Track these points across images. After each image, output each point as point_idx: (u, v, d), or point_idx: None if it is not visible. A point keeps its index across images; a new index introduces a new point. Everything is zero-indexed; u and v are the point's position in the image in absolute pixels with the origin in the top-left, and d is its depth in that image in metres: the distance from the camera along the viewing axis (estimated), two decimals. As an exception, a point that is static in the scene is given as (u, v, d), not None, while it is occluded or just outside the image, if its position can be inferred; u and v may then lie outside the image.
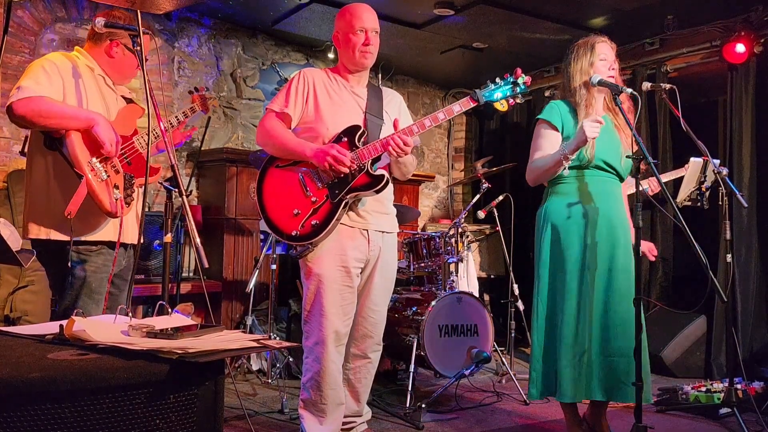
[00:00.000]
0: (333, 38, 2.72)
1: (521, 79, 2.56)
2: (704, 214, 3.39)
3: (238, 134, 5.21)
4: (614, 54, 2.79)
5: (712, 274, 2.43)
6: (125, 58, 2.58)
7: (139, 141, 2.55)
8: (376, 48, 2.66)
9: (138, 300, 4.05)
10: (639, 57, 5.10)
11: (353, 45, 2.61)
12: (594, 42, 2.77)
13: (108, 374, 1.29)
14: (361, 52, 2.62)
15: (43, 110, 2.28)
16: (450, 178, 6.70)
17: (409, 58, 5.62)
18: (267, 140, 2.62)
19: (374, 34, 2.63)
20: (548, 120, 2.76)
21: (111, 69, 2.59)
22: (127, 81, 2.71)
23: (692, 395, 3.47)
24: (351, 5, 2.68)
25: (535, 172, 2.77)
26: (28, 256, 2.13)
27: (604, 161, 2.72)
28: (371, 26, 2.63)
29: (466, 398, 3.73)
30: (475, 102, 2.55)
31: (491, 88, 2.58)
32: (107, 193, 2.35)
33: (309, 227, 2.52)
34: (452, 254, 4.12)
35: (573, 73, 2.77)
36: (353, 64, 2.66)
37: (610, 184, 2.77)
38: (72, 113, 2.34)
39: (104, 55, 2.56)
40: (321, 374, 2.57)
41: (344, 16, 2.66)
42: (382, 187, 2.55)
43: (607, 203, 2.73)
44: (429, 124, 2.55)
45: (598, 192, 2.73)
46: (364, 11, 2.64)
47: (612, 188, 2.77)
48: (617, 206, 2.77)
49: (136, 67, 2.63)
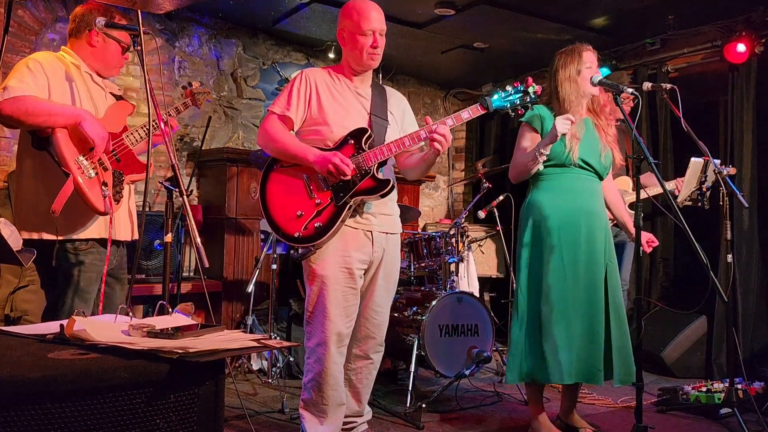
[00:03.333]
0: (338, 36, 2.64)
1: (532, 88, 2.53)
2: (705, 214, 3.39)
3: (238, 134, 5.21)
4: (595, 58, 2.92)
5: (712, 274, 2.44)
6: (107, 46, 2.56)
7: (129, 138, 2.54)
8: (383, 49, 2.60)
9: (138, 300, 4.06)
10: (640, 57, 5.09)
11: (361, 46, 2.54)
12: (581, 50, 2.90)
13: (108, 374, 1.29)
14: (369, 54, 2.56)
15: (29, 108, 2.28)
16: (451, 178, 6.70)
17: (410, 57, 5.62)
18: (268, 143, 2.59)
19: (381, 35, 2.58)
20: (530, 123, 2.92)
21: (95, 60, 2.57)
22: (115, 71, 2.68)
23: (693, 395, 3.47)
24: (358, 3, 2.58)
25: (516, 168, 2.93)
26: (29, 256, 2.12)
27: (583, 160, 2.87)
28: (379, 27, 2.55)
29: (466, 398, 3.73)
30: (485, 109, 2.53)
31: (501, 95, 2.56)
32: (95, 190, 2.35)
33: (312, 229, 2.51)
34: (453, 254, 4.12)
35: (561, 80, 2.90)
36: (359, 65, 2.62)
37: (588, 181, 2.92)
38: (58, 110, 2.34)
39: (86, 47, 2.55)
40: (322, 375, 2.57)
41: (351, 15, 2.56)
42: (388, 192, 2.53)
43: (585, 198, 2.89)
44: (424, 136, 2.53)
45: (577, 188, 2.89)
46: (372, 10, 2.55)
47: (590, 185, 2.93)
48: (595, 201, 2.93)
49: (121, 54, 2.61)
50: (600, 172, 2.93)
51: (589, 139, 2.90)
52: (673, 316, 4.47)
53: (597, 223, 2.88)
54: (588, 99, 2.94)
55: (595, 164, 2.90)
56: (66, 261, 2.41)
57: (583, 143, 2.87)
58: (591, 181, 2.93)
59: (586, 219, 2.86)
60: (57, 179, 2.32)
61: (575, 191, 2.88)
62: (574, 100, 2.87)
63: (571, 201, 2.87)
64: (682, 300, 4.81)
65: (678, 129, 3.53)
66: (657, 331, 4.44)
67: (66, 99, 2.43)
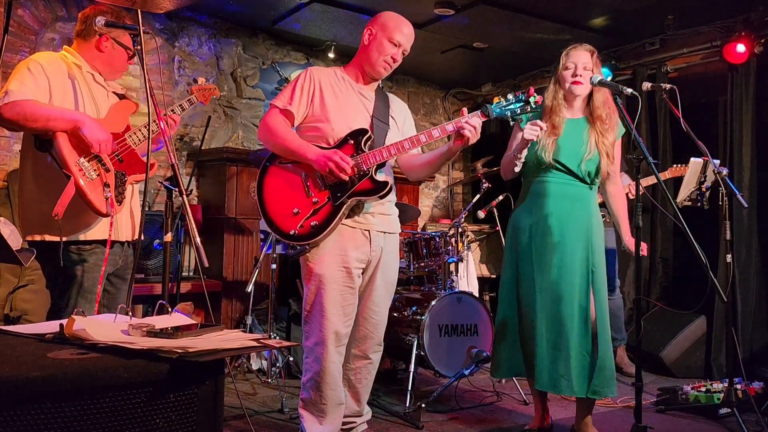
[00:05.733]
0: (363, 35, 2.66)
1: (533, 98, 2.53)
2: (704, 214, 3.39)
3: (238, 134, 5.21)
4: (591, 56, 2.85)
5: (712, 275, 2.43)
6: (115, 52, 2.56)
7: (132, 138, 2.53)
8: (397, 66, 2.68)
9: (138, 299, 4.05)
10: (639, 57, 5.10)
11: (383, 51, 2.60)
12: (568, 50, 2.90)
13: (108, 373, 1.29)
14: (385, 62, 2.62)
15: (29, 113, 2.27)
16: (450, 177, 6.70)
17: (409, 57, 5.49)
18: (268, 137, 2.59)
19: (404, 54, 2.66)
20: (519, 123, 2.91)
21: (101, 64, 2.57)
22: (118, 75, 2.69)
23: (692, 395, 3.47)
24: (400, 18, 2.65)
25: (503, 167, 2.99)
26: (28, 255, 2.12)
27: (558, 161, 2.83)
28: (406, 45, 2.65)
29: (465, 398, 3.73)
30: (486, 117, 2.53)
31: (503, 104, 2.55)
32: (97, 192, 2.34)
33: (308, 228, 2.51)
34: (452, 254, 4.12)
35: (551, 81, 2.95)
36: (372, 69, 2.64)
37: (567, 185, 2.86)
38: (58, 115, 2.33)
39: (94, 51, 2.55)
40: (321, 374, 2.57)
41: (389, 21, 2.63)
42: (385, 194, 2.54)
43: (561, 204, 2.83)
44: (438, 135, 2.52)
45: (552, 193, 2.85)
46: (408, 29, 2.65)
47: (569, 189, 2.86)
48: (574, 206, 2.85)
49: (127, 60, 2.62)
50: (581, 176, 2.83)
51: (569, 142, 2.83)
52: (673, 316, 4.47)
53: (574, 228, 2.81)
54: (575, 99, 2.88)
55: (572, 167, 2.82)
56: (70, 262, 2.41)
57: (563, 145, 2.82)
58: (570, 186, 2.85)
59: (560, 225, 2.81)
60: (59, 181, 2.32)
61: (550, 196, 2.84)
62: (551, 102, 2.88)
63: (544, 207, 2.84)
64: (682, 300, 4.81)
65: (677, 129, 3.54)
66: (656, 331, 4.45)
67: (67, 100, 2.42)
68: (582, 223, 2.83)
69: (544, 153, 2.81)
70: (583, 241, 2.81)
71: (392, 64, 2.64)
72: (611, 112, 2.86)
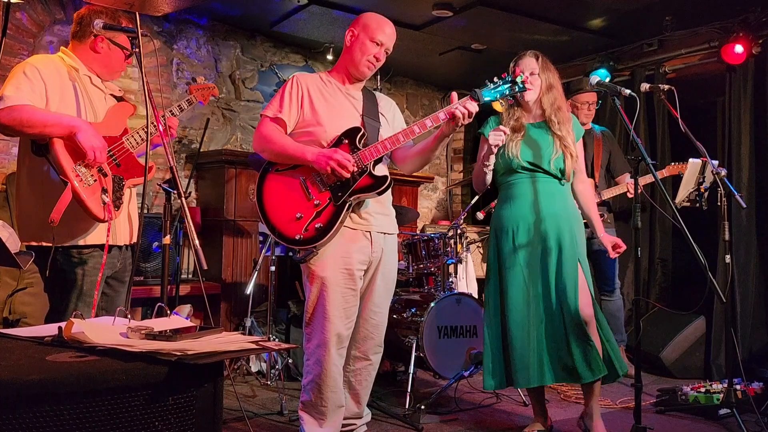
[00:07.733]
0: (346, 36, 2.68)
1: (519, 77, 2.58)
2: (703, 215, 3.39)
3: (236, 136, 5.21)
4: (536, 60, 2.90)
5: (711, 275, 2.44)
6: (111, 52, 2.55)
7: (129, 141, 2.51)
8: (380, 64, 2.69)
9: (137, 302, 4.05)
10: (637, 58, 5.10)
11: (365, 51, 2.61)
12: (516, 59, 2.96)
13: (107, 376, 1.29)
14: (368, 62, 2.63)
15: (25, 119, 2.26)
16: (449, 179, 6.71)
17: (407, 59, 5.63)
18: (265, 146, 2.60)
19: (386, 53, 2.67)
20: (483, 134, 2.97)
21: (98, 65, 2.56)
22: (116, 76, 2.67)
23: (691, 396, 3.47)
24: (381, 17, 2.68)
25: (473, 180, 3.05)
26: (27, 258, 2.12)
27: (528, 162, 2.87)
28: (388, 44, 2.66)
29: (465, 400, 3.73)
30: (476, 101, 2.55)
31: (490, 87, 2.59)
32: (94, 198, 2.33)
33: (313, 230, 2.51)
34: (451, 255, 4.12)
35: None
36: (356, 69, 2.66)
37: (544, 183, 2.90)
38: (54, 120, 2.30)
39: (90, 52, 2.53)
40: (322, 377, 2.57)
41: (370, 22, 2.65)
42: (385, 189, 2.55)
43: (541, 201, 2.87)
44: (430, 124, 2.56)
45: (530, 192, 2.89)
46: (390, 29, 2.67)
47: (547, 187, 2.89)
48: (554, 203, 2.89)
49: (124, 60, 2.60)
50: (552, 173, 2.88)
51: (534, 143, 2.90)
52: (672, 316, 4.47)
53: (556, 224, 2.85)
54: (529, 105, 2.93)
55: (544, 166, 2.87)
56: (69, 265, 2.40)
57: (529, 146, 2.88)
58: (547, 183, 2.90)
59: (541, 222, 2.85)
60: (55, 187, 2.30)
61: (529, 195, 2.88)
62: (508, 109, 2.96)
63: (524, 206, 2.88)
64: (681, 301, 4.82)
65: (676, 130, 3.54)
66: (656, 332, 4.44)
67: (64, 104, 2.40)
68: (565, 218, 2.88)
69: (512, 156, 2.87)
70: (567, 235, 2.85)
71: (375, 63, 2.65)
72: (560, 113, 2.90)
